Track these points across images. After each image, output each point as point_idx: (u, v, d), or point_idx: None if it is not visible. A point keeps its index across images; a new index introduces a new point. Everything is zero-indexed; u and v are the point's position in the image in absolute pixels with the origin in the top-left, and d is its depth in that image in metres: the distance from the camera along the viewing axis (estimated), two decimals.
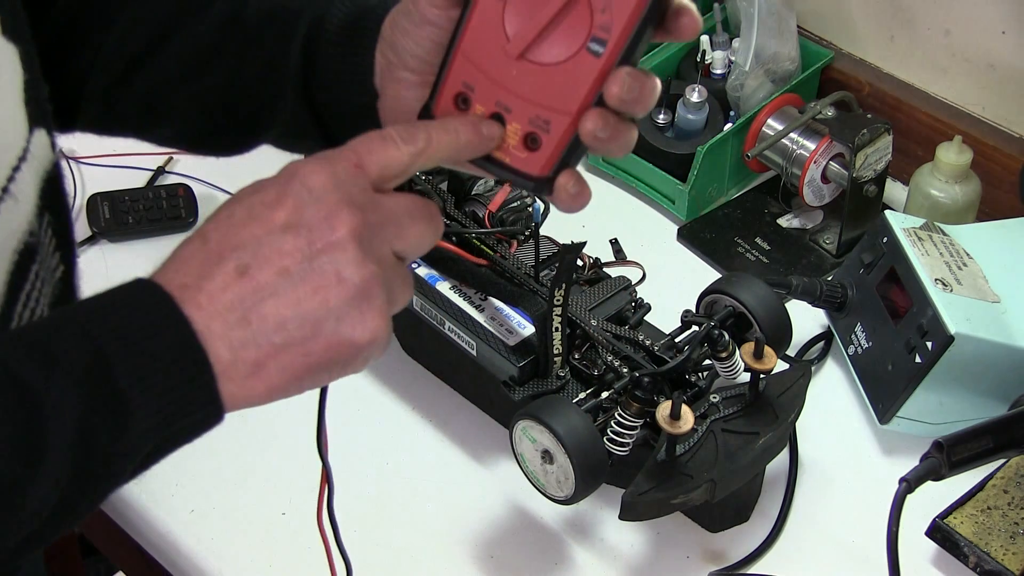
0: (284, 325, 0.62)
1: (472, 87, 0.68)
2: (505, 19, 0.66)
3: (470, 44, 0.67)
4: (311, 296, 0.62)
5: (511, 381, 1.05)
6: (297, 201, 0.62)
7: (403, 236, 0.65)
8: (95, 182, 1.38)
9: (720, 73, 1.40)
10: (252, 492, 1.10)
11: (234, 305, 0.61)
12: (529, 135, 0.67)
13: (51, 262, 0.79)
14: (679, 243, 1.34)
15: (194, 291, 0.61)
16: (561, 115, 0.66)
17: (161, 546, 1.09)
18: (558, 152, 0.67)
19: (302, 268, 0.62)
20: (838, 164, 1.29)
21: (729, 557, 1.06)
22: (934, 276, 1.10)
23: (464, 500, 1.10)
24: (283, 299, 0.62)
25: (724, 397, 1.03)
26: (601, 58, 0.64)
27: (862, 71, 1.41)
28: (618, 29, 0.64)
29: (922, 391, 1.08)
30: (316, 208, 0.62)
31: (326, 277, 0.62)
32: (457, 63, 0.68)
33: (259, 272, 0.62)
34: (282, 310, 0.62)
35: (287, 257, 0.62)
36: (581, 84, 0.65)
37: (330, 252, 0.62)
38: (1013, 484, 1.06)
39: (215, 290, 0.61)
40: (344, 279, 0.62)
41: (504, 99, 0.67)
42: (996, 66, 1.30)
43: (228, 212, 0.64)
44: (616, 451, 0.98)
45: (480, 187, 1.17)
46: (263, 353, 0.62)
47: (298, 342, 0.62)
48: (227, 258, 0.62)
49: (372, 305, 0.63)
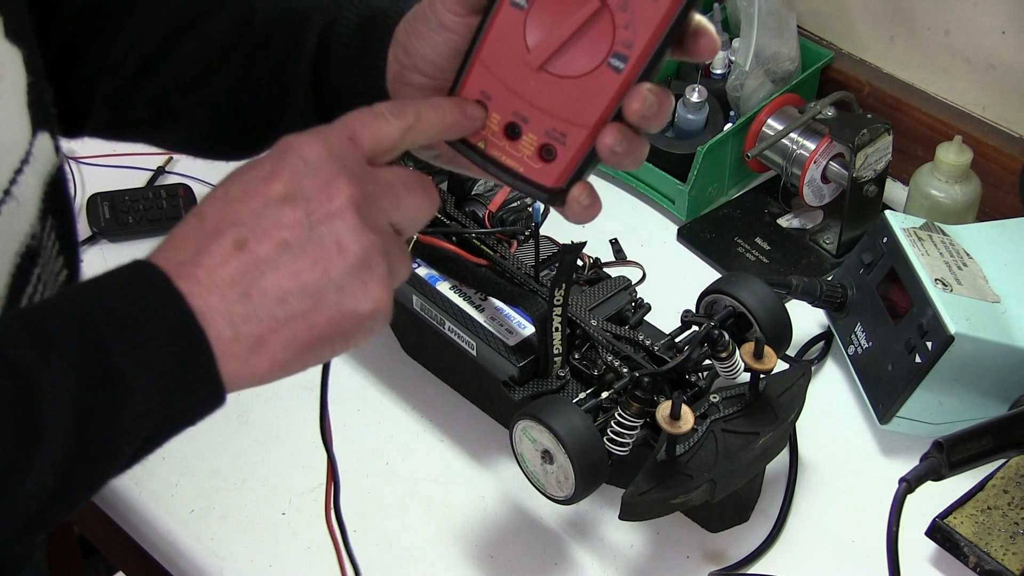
0: (286, 298, 0.61)
1: (489, 96, 0.68)
2: (526, 30, 0.66)
3: (489, 53, 0.68)
4: (312, 267, 0.61)
5: (511, 381, 1.05)
6: (293, 173, 0.62)
7: (400, 207, 0.64)
8: (95, 182, 1.38)
9: (720, 73, 1.40)
10: (252, 492, 1.10)
11: (234, 280, 0.60)
12: (544, 146, 0.67)
13: (55, 265, 0.79)
14: (679, 243, 1.34)
15: (192, 267, 0.60)
16: (578, 128, 0.66)
17: (161, 546, 1.09)
18: (573, 164, 0.67)
19: (301, 239, 0.61)
20: (838, 164, 1.29)
21: (729, 557, 1.06)
22: (934, 276, 1.10)
23: (464, 500, 1.10)
24: (284, 272, 0.61)
25: (724, 397, 1.03)
26: (622, 74, 0.65)
27: (862, 71, 1.41)
28: (640, 46, 0.64)
29: (922, 391, 1.08)
30: (313, 179, 0.62)
31: (326, 247, 0.61)
32: (475, 71, 0.68)
33: (258, 245, 0.61)
34: (283, 283, 0.61)
35: (286, 229, 0.61)
36: (600, 98, 0.65)
37: (329, 222, 0.61)
38: (1013, 484, 1.06)
39: (214, 266, 0.61)
40: (344, 249, 0.61)
41: (521, 109, 0.67)
42: (996, 66, 1.30)
43: (224, 189, 0.63)
44: (616, 451, 0.98)
45: (480, 187, 1.17)
46: (265, 328, 0.61)
47: (300, 315, 0.61)
48: (225, 233, 0.61)
49: (373, 275, 0.62)
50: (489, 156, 0.69)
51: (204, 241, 0.61)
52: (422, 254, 1.13)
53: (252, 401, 1.16)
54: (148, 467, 1.11)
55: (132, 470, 0.63)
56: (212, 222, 0.62)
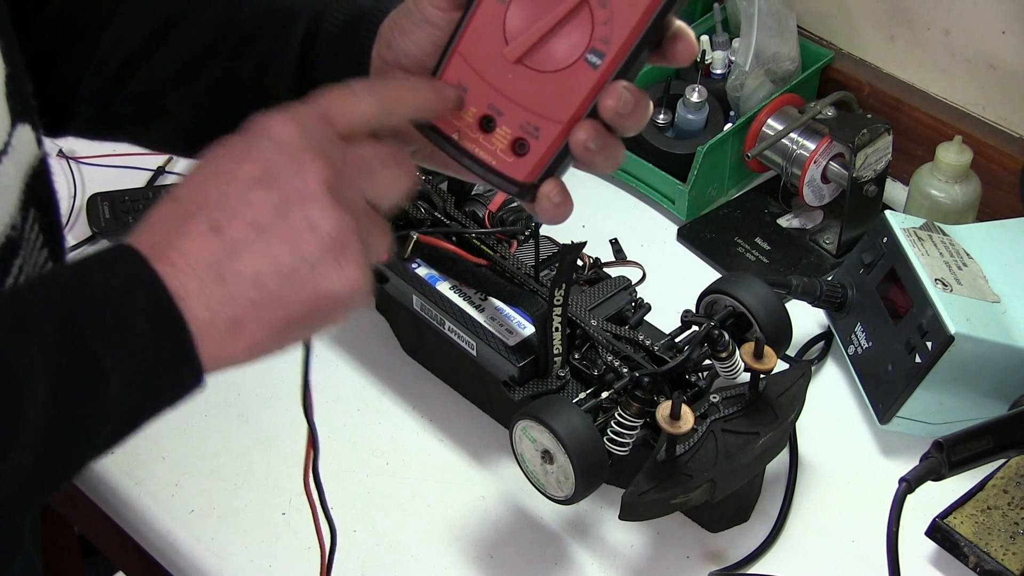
0: (260, 280, 0.61)
1: (465, 88, 0.68)
2: (506, 23, 0.67)
3: (468, 45, 0.68)
4: (285, 249, 0.61)
5: (511, 381, 1.05)
6: (264, 153, 0.62)
7: (374, 182, 0.64)
8: (95, 182, 1.38)
9: (720, 73, 1.40)
10: (252, 492, 1.10)
11: (209, 263, 0.60)
12: (518, 140, 0.67)
13: (38, 257, 0.78)
14: (679, 243, 1.34)
15: (166, 248, 0.60)
16: (552, 123, 0.66)
17: (161, 546, 1.09)
18: (545, 160, 0.67)
19: (274, 221, 0.61)
20: (838, 164, 1.29)
21: (729, 557, 1.06)
22: (934, 276, 1.10)
23: (464, 500, 1.10)
24: (257, 253, 0.61)
25: (724, 397, 1.03)
26: (598, 70, 0.65)
27: (862, 71, 1.41)
28: (618, 43, 0.64)
29: (922, 391, 1.08)
30: (284, 159, 0.61)
31: (298, 228, 0.61)
32: (453, 63, 0.68)
33: (231, 227, 0.61)
34: (257, 265, 0.61)
35: (257, 210, 0.61)
36: (576, 94, 0.65)
37: (301, 203, 0.61)
38: (1013, 484, 1.06)
39: (188, 248, 0.60)
40: (317, 228, 0.61)
41: (496, 102, 0.67)
42: (996, 66, 1.30)
43: (198, 171, 0.63)
44: (616, 451, 0.98)
45: (480, 187, 1.17)
46: (241, 310, 0.61)
47: (275, 296, 0.61)
48: (198, 216, 0.61)
49: (347, 255, 0.62)
50: (462, 148, 0.69)
51: (179, 223, 0.61)
52: (422, 254, 1.13)
53: (252, 401, 1.16)
54: (148, 467, 1.11)
55: (132, 470, 0.63)
56: (186, 204, 0.62)
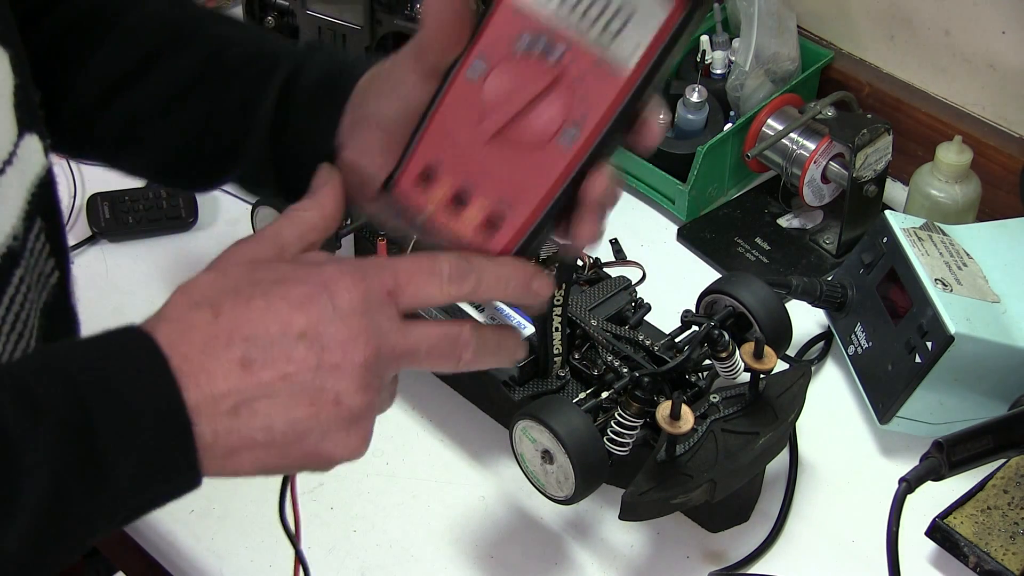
0: (271, 428, 0.62)
1: (440, 162, 0.67)
2: (482, 100, 0.66)
3: (442, 120, 0.67)
4: (305, 409, 0.62)
5: (511, 381, 1.05)
6: (321, 314, 0.62)
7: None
8: (95, 182, 1.38)
9: (720, 73, 1.40)
10: (252, 492, 1.10)
11: (229, 393, 0.61)
12: (491, 216, 0.66)
13: (44, 267, 0.78)
14: (679, 243, 1.34)
15: (195, 366, 0.61)
16: (524, 202, 0.66)
17: (161, 546, 1.09)
18: (518, 237, 0.66)
19: (304, 380, 0.62)
20: (838, 164, 1.29)
21: (729, 557, 1.06)
22: (934, 276, 1.10)
23: (464, 500, 1.10)
24: (277, 404, 0.62)
25: (724, 397, 1.03)
26: (571, 152, 0.65)
27: (862, 71, 1.41)
28: (591, 124, 0.64)
29: (922, 391, 1.08)
30: (337, 328, 0.62)
31: (325, 396, 0.62)
32: (428, 137, 0.67)
33: (262, 370, 0.61)
34: (273, 413, 0.62)
35: (293, 365, 0.62)
36: (548, 174, 0.65)
37: (336, 374, 0.62)
38: (1013, 484, 1.06)
39: (216, 373, 0.61)
40: (341, 403, 0.62)
41: (470, 178, 0.66)
42: (996, 66, 1.30)
43: (248, 291, 0.63)
44: (616, 451, 0.98)
45: None
46: (242, 443, 0.62)
47: (279, 445, 0.62)
48: (235, 345, 0.61)
49: (359, 429, 0.64)
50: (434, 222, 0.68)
51: (213, 344, 0.61)
52: None
53: None
54: None
55: None
56: (226, 324, 0.62)
